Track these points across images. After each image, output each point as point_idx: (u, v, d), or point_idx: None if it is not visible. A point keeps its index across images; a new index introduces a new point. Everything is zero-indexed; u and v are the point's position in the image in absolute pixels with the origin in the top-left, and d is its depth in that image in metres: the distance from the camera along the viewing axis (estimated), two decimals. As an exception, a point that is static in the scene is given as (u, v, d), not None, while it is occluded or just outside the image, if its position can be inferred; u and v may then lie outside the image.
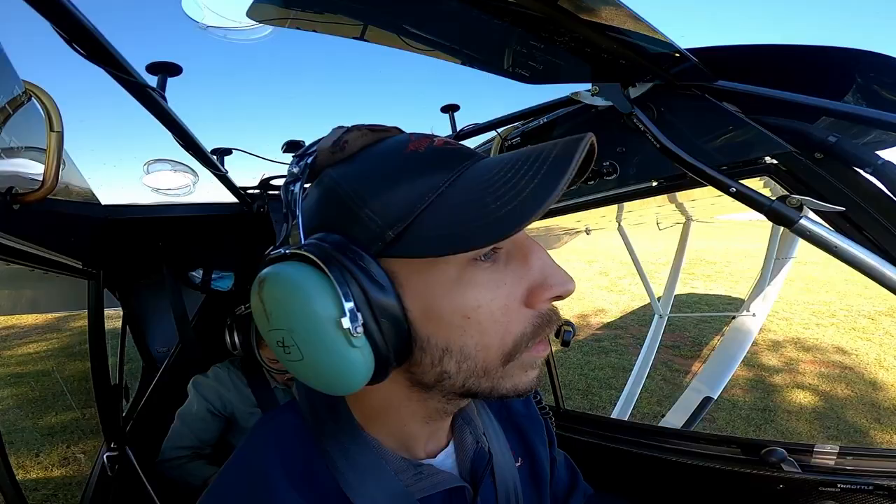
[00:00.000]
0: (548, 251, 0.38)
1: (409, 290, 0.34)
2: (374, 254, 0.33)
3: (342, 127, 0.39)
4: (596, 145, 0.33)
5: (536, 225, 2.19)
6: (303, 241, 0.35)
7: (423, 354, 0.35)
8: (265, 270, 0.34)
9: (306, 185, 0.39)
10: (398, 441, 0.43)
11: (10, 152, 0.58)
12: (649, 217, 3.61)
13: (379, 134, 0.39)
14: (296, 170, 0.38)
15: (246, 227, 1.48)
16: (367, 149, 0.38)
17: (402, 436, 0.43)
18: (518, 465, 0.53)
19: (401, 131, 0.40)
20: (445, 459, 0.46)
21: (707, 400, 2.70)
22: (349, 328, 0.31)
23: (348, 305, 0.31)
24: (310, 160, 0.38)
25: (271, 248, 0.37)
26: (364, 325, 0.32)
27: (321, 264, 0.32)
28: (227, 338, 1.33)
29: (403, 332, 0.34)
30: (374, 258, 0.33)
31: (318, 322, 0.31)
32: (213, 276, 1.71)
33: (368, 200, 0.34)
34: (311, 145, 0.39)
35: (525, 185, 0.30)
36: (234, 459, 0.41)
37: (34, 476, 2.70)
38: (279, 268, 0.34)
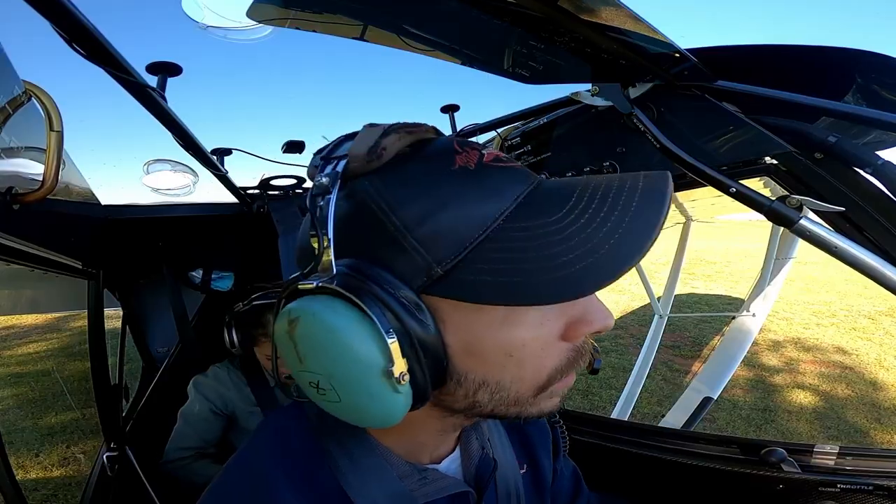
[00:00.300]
0: None
1: (452, 326, 0.32)
2: (417, 288, 0.30)
3: (375, 127, 0.33)
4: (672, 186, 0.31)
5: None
6: (335, 270, 0.31)
7: (458, 387, 0.34)
8: (297, 305, 0.31)
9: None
10: (406, 448, 0.43)
11: (10, 152, 0.58)
12: (649, 217, 3.60)
13: (417, 135, 0.34)
14: (325, 180, 0.31)
15: (246, 227, 1.48)
16: (407, 157, 0.33)
17: (411, 444, 0.43)
18: (522, 471, 0.53)
19: (437, 132, 0.37)
20: (450, 465, 0.46)
21: (707, 400, 2.69)
22: (397, 377, 0.29)
23: (396, 355, 0.29)
24: (340, 167, 0.32)
25: (298, 274, 0.33)
26: (411, 371, 0.30)
27: (364, 308, 0.29)
28: (226, 336, 1.33)
29: (442, 367, 0.33)
30: (417, 294, 0.30)
31: (363, 371, 0.29)
32: (213, 276, 1.71)
33: (412, 227, 0.30)
34: (335, 146, 0.34)
35: (603, 239, 0.28)
36: (235, 460, 0.41)
37: (34, 476, 2.70)
38: (315, 306, 0.30)
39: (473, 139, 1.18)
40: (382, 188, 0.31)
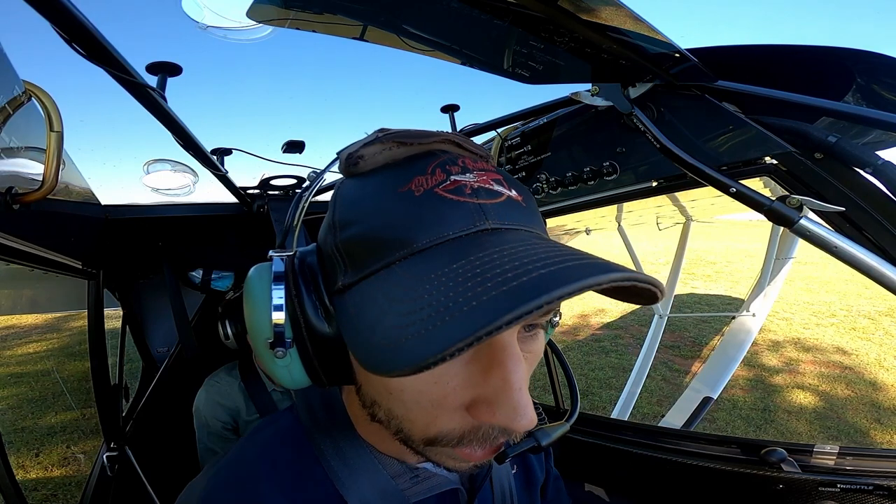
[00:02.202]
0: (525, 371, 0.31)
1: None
2: (331, 290, 0.33)
3: (382, 132, 0.34)
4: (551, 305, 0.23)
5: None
6: (295, 250, 0.36)
7: (360, 391, 0.36)
8: (253, 268, 0.36)
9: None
10: (396, 448, 0.43)
11: (10, 152, 0.58)
12: (649, 217, 3.61)
13: (410, 148, 0.34)
14: (314, 175, 0.38)
15: (246, 227, 1.48)
16: (380, 171, 0.34)
17: (390, 442, 0.43)
18: (513, 472, 0.54)
19: (452, 143, 0.35)
20: None
21: (707, 400, 2.69)
22: (274, 352, 0.33)
23: (277, 331, 0.33)
24: (331, 166, 0.37)
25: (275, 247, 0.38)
26: (297, 344, 0.33)
27: (270, 287, 0.33)
28: (220, 328, 1.32)
29: (346, 363, 0.35)
30: (329, 293, 0.33)
31: (255, 335, 0.34)
32: (213, 276, 1.71)
33: (338, 233, 0.33)
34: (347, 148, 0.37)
35: (432, 324, 0.24)
36: (223, 467, 0.41)
37: (34, 476, 2.70)
38: (256, 270, 0.36)
39: (473, 139, 1.18)
40: (347, 194, 0.34)
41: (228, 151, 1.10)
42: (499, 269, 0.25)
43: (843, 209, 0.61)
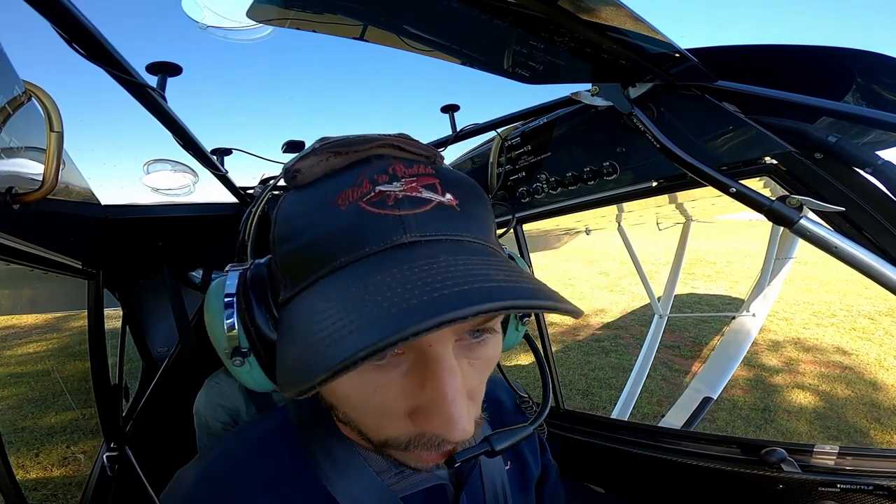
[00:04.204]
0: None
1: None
2: (277, 300, 0.35)
3: (321, 141, 0.35)
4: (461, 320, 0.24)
5: (536, 226, 2.19)
6: (248, 261, 0.38)
7: (320, 395, 0.38)
8: (215, 281, 0.38)
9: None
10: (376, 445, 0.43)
11: (10, 152, 0.58)
12: (649, 217, 3.61)
13: (345, 157, 0.33)
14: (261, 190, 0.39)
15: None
16: (317, 181, 0.33)
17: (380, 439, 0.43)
18: (507, 467, 0.53)
19: (391, 146, 0.34)
20: None
21: (707, 400, 2.69)
22: (232, 360, 0.35)
23: (233, 345, 0.35)
24: (276, 181, 0.39)
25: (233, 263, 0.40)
26: (253, 354, 0.35)
27: (232, 301, 0.35)
28: None
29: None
30: (276, 303, 0.35)
31: (215, 344, 0.36)
32: (213, 276, 1.71)
33: (280, 251, 0.33)
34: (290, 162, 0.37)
35: (349, 327, 0.25)
36: (211, 462, 0.41)
37: (34, 476, 2.70)
38: (214, 285, 0.37)
39: (473, 139, 1.18)
40: (286, 208, 0.34)
41: (228, 151, 1.10)
42: (399, 287, 0.26)
43: (843, 209, 0.61)
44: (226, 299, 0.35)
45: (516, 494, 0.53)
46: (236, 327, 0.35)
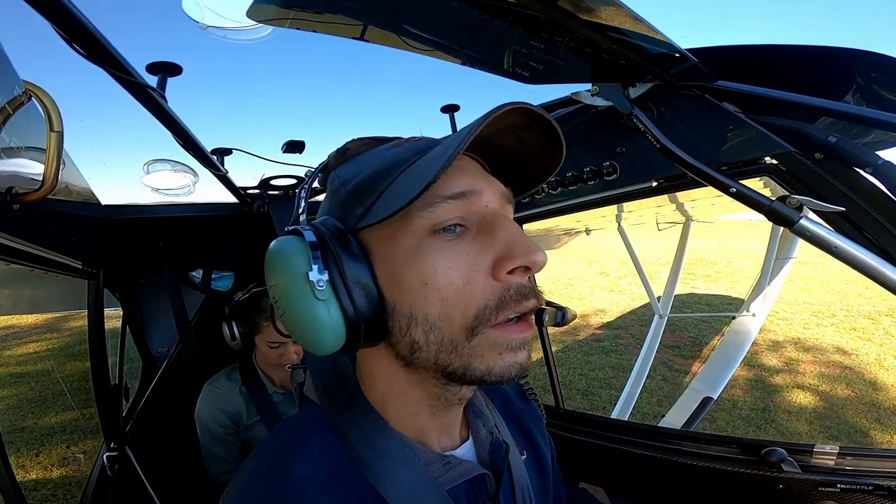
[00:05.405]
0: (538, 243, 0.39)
1: (378, 258, 0.38)
2: (350, 228, 0.39)
3: (350, 141, 0.45)
4: (534, 109, 0.36)
5: (536, 225, 2.19)
6: (301, 221, 0.42)
7: (394, 323, 0.38)
8: (274, 242, 0.40)
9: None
10: (415, 435, 0.44)
11: (10, 152, 0.58)
12: (649, 217, 3.61)
13: (381, 142, 0.44)
14: (308, 172, 0.45)
15: (246, 227, 1.48)
16: (364, 153, 0.43)
17: (415, 429, 0.44)
18: (523, 458, 0.55)
19: (406, 140, 0.43)
20: (467, 452, 0.48)
21: (707, 400, 2.69)
22: (314, 281, 0.35)
23: (315, 264, 0.36)
24: (322, 165, 0.45)
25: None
26: (332, 282, 0.36)
27: (301, 233, 0.37)
28: (226, 329, 1.32)
29: (374, 296, 0.38)
30: (349, 231, 0.39)
31: (292, 276, 0.37)
32: (213, 276, 1.71)
33: (351, 187, 0.40)
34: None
35: (449, 146, 0.33)
36: (256, 466, 0.42)
37: (34, 476, 2.70)
38: (278, 240, 0.40)
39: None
40: (342, 171, 0.42)
41: (228, 151, 1.10)
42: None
43: (843, 209, 0.61)
44: (309, 239, 0.37)
45: (535, 484, 0.54)
46: (320, 260, 0.36)
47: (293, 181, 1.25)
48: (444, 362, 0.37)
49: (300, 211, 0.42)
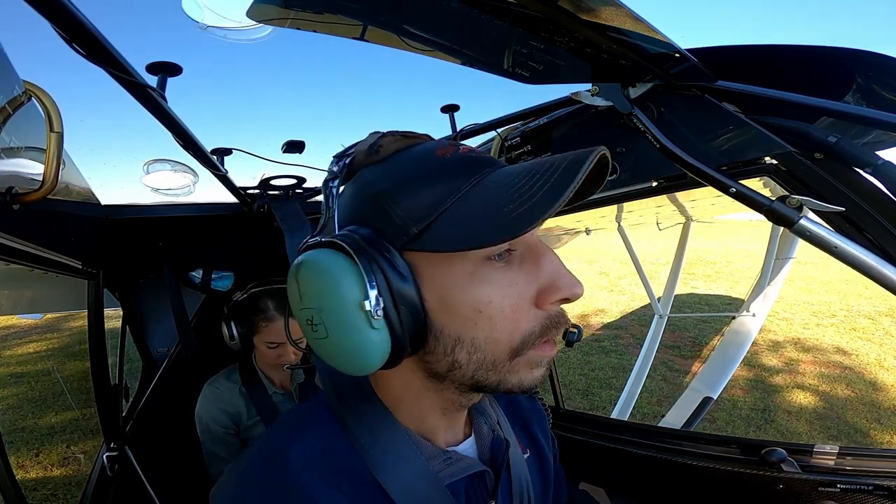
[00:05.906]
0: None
1: (429, 281, 0.37)
2: (398, 247, 0.36)
3: (378, 132, 0.42)
4: (609, 157, 0.36)
5: (536, 225, 2.18)
6: (337, 232, 0.38)
7: (437, 343, 0.38)
8: (302, 256, 0.38)
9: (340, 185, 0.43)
10: (420, 431, 0.44)
11: (10, 152, 0.58)
12: (649, 217, 3.61)
13: (410, 140, 0.42)
14: (335, 168, 0.41)
15: (246, 227, 1.48)
16: (399, 153, 0.41)
17: (423, 426, 0.44)
18: (526, 456, 0.55)
19: (431, 139, 0.43)
20: (468, 448, 0.48)
21: (707, 400, 2.70)
22: (370, 311, 0.34)
23: (372, 291, 0.34)
24: (348, 161, 0.42)
25: (308, 237, 0.41)
26: (384, 309, 0.35)
27: (351, 252, 0.35)
28: (225, 330, 1.32)
29: (420, 319, 0.37)
30: (398, 251, 0.36)
31: (345, 303, 0.34)
32: (213, 276, 1.71)
33: (397, 199, 0.37)
34: (350, 147, 0.43)
35: (536, 192, 0.32)
36: (257, 449, 0.42)
37: (34, 476, 2.70)
38: (315, 254, 0.37)
39: (473, 139, 1.18)
40: (377, 174, 0.40)
41: (228, 151, 1.10)
42: (533, 177, 0.34)
43: (843, 209, 0.61)
44: (359, 257, 0.34)
45: (536, 482, 0.55)
46: (375, 286, 0.34)
47: (293, 181, 1.25)
48: (481, 378, 0.38)
49: (330, 216, 0.40)
